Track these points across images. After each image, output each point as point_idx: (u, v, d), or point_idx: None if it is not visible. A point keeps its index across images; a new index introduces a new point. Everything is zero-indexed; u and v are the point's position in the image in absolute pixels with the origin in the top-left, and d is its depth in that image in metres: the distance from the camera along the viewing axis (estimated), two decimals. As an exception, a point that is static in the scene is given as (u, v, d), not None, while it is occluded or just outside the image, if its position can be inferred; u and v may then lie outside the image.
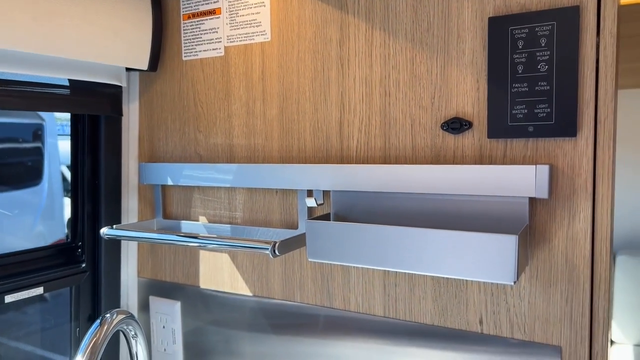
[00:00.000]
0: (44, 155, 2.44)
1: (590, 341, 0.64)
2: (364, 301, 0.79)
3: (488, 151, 0.68)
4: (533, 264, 0.67)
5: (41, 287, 0.87)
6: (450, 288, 0.72)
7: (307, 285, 0.84)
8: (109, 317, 0.73)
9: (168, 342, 0.99)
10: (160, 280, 1.00)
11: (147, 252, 1.01)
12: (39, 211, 2.91)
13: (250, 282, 0.90)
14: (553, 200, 0.65)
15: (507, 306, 0.69)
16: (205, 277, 0.94)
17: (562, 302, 0.65)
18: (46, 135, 2.41)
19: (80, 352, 0.69)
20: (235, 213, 0.90)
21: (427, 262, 0.64)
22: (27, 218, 2.43)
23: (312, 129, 0.81)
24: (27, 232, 2.26)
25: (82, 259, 0.95)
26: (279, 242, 0.73)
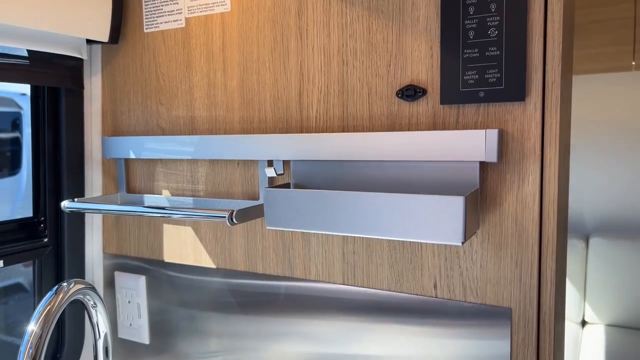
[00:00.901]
0: (22, 144, 2.40)
1: (538, 302, 0.66)
2: (323, 270, 0.80)
3: (441, 118, 0.69)
4: (484, 228, 0.68)
5: (0, 261, 0.87)
6: (405, 254, 0.73)
7: (269, 256, 0.85)
8: (66, 285, 0.72)
9: (134, 317, 0.99)
10: (126, 255, 0.99)
11: (111, 228, 1.01)
12: (18, 200, 2.88)
13: (214, 255, 0.90)
14: (503, 164, 0.66)
15: (460, 270, 0.70)
16: (170, 251, 0.94)
17: (512, 265, 0.67)
18: (24, 124, 2.37)
19: (33, 320, 0.69)
20: (197, 186, 0.90)
21: (381, 226, 0.65)
22: (4, 207, 2.41)
23: (272, 100, 0.81)
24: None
25: (45, 234, 0.95)
26: (236, 210, 0.74)
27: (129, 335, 0.99)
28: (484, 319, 0.69)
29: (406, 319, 0.74)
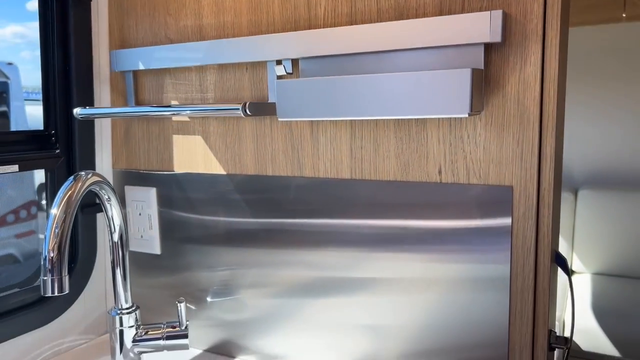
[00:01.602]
0: (10, 118, 2.38)
1: (538, 178, 0.70)
2: (332, 167, 0.83)
3: (447, 6, 0.72)
4: (487, 110, 0.71)
5: (16, 165, 0.89)
6: (411, 144, 0.77)
7: (279, 158, 0.88)
8: (84, 174, 0.75)
9: (145, 229, 1.01)
10: (135, 169, 1.02)
11: (121, 144, 1.03)
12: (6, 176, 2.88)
13: (224, 161, 0.93)
14: (506, 47, 0.69)
15: (463, 154, 0.74)
16: (180, 161, 0.97)
17: (514, 144, 0.71)
18: (11, 96, 2.35)
19: (55, 206, 0.71)
20: (206, 94, 0.92)
21: (389, 106, 0.68)
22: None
23: (280, 1, 0.83)
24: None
25: (56, 146, 0.97)
26: (248, 102, 0.76)
27: (141, 247, 1.02)
28: (486, 198, 0.73)
29: (410, 205, 0.77)
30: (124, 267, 0.87)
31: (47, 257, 0.67)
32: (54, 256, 0.68)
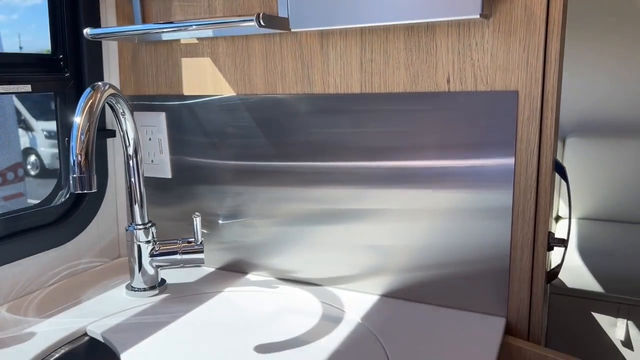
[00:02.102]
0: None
1: (543, 81, 0.73)
2: (342, 81, 0.86)
3: None
4: (495, 17, 0.74)
5: (29, 86, 0.90)
6: (421, 54, 0.80)
7: (289, 76, 0.90)
8: (102, 85, 0.76)
9: (155, 153, 1.04)
10: (144, 94, 1.03)
11: (128, 69, 1.04)
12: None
13: (233, 82, 0.94)
14: (515, -47, 0.72)
15: (471, 62, 0.77)
16: (189, 84, 0.98)
17: (520, 50, 0.74)
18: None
19: (77, 114, 0.73)
20: (215, 14, 0.93)
21: (400, 10, 0.70)
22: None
23: None
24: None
25: (65, 70, 0.97)
26: (262, 12, 0.78)
27: (152, 172, 1.05)
28: (493, 104, 0.76)
29: (420, 114, 0.81)
30: (139, 182, 0.89)
31: (75, 162, 0.70)
32: (82, 160, 0.70)
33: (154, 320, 0.83)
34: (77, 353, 0.79)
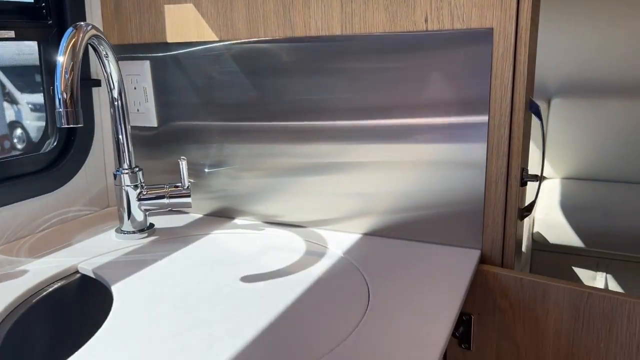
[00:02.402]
0: None
1: (517, 18, 0.75)
2: (323, 24, 0.87)
3: None
4: (471, -46, 0.76)
5: (12, 32, 0.90)
6: (399, -6, 0.81)
7: (270, 20, 0.91)
8: (84, 25, 0.77)
9: (141, 102, 1.05)
10: (127, 43, 1.04)
11: (111, 17, 1.04)
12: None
13: (216, 28, 0.95)
14: None
15: (448, 0, 0.78)
16: (172, 31, 0.99)
17: (495, -13, 0.75)
18: None
19: (60, 54, 0.74)
20: (197, -40, 0.94)
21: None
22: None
23: None
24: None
25: (48, 18, 0.98)
26: (243, -48, 0.78)
27: (138, 121, 1.06)
28: (468, 42, 0.78)
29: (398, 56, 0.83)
30: (124, 125, 0.91)
31: (60, 99, 0.71)
32: (67, 98, 0.71)
33: (143, 258, 0.85)
34: (69, 289, 0.82)
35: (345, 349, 0.58)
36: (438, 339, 0.59)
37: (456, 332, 0.86)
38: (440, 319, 0.63)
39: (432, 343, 0.58)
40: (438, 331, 0.60)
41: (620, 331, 0.72)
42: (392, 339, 0.59)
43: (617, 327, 0.72)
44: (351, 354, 0.57)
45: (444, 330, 0.61)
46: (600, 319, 0.73)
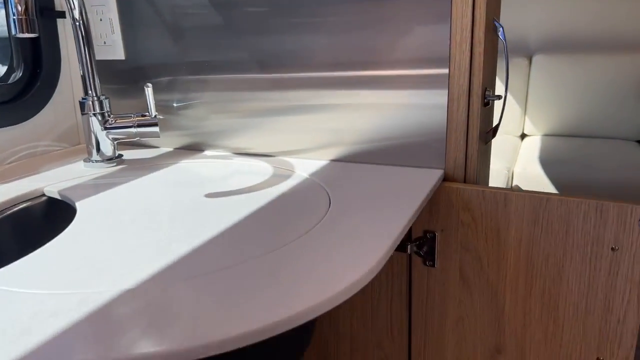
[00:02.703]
0: None
1: None
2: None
3: None
4: None
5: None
6: None
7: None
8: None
9: (107, 34, 1.04)
10: (91, -27, 1.02)
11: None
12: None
13: (180, -47, 0.94)
14: None
15: None
16: (136, -41, 0.98)
17: None
18: None
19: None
20: None
21: None
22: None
23: None
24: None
25: (7, -55, 0.96)
26: None
27: (105, 54, 1.05)
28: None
29: None
30: (87, 49, 0.90)
31: (16, 11, 0.70)
32: (22, 9, 0.70)
33: (110, 182, 0.86)
34: (35, 209, 0.82)
35: (301, 242, 0.59)
36: (394, 230, 0.60)
37: (421, 251, 0.88)
38: (397, 216, 0.64)
39: (388, 235, 0.59)
40: (394, 224, 0.62)
41: (576, 232, 0.74)
42: (349, 232, 0.60)
43: (573, 229, 0.74)
44: (308, 245, 0.58)
45: (400, 222, 0.62)
46: (558, 222, 0.75)
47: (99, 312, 0.46)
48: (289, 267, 0.53)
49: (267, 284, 0.50)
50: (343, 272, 0.51)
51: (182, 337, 0.41)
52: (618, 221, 0.70)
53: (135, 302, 0.47)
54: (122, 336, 0.42)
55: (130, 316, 0.45)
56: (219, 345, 0.41)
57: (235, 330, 0.42)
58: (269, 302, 0.46)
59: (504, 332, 0.83)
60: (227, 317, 0.44)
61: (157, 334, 0.42)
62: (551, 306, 0.78)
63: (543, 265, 0.77)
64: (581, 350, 0.77)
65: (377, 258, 0.54)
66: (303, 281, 0.50)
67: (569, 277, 0.76)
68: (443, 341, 0.90)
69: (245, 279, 0.51)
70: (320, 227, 0.63)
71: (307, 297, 0.47)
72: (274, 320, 0.44)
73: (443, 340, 0.90)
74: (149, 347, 0.40)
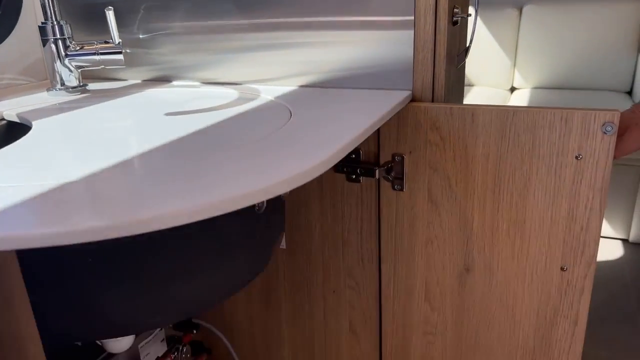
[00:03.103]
0: None
1: None
2: None
3: None
4: None
5: None
6: None
7: None
8: None
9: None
10: None
11: None
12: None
13: None
14: None
15: None
16: None
17: None
18: None
19: None
20: None
21: None
22: None
23: None
24: None
25: None
26: None
27: (67, -18, 1.02)
28: None
29: None
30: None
31: None
32: None
33: (71, 106, 0.84)
34: (-6, 133, 0.80)
35: (256, 145, 0.57)
36: (356, 129, 0.59)
37: (389, 176, 0.87)
38: (357, 124, 0.63)
39: (345, 136, 0.58)
40: (354, 130, 0.60)
41: (542, 144, 0.72)
42: (306, 138, 0.59)
43: (539, 140, 0.72)
44: (264, 147, 0.57)
45: (360, 127, 0.60)
46: (525, 134, 0.73)
47: (39, 197, 0.45)
48: (238, 161, 0.52)
49: (210, 173, 0.48)
50: (291, 165, 0.50)
51: (123, 213, 0.40)
52: (582, 128, 0.69)
53: (76, 189, 0.46)
54: (62, 213, 0.41)
55: (70, 199, 0.44)
56: (160, 220, 0.40)
57: (171, 206, 0.41)
58: (210, 185, 0.45)
59: (472, 251, 0.83)
60: (170, 195, 0.43)
61: (96, 211, 0.41)
62: (518, 221, 0.77)
63: (510, 180, 0.76)
64: (546, 261, 0.77)
65: (330, 153, 0.52)
66: (246, 172, 0.49)
67: (535, 189, 0.75)
68: (413, 265, 0.89)
69: (192, 169, 0.50)
70: (278, 134, 0.61)
71: (248, 183, 0.46)
72: (210, 201, 0.43)
73: (413, 264, 0.89)
74: (86, 221, 0.39)
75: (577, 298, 0.76)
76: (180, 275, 0.56)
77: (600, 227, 0.71)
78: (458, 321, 0.89)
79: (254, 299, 1.10)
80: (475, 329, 0.88)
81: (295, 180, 0.49)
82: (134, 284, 0.54)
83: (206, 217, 0.43)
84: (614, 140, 0.68)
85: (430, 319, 0.91)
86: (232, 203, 0.44)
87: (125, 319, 0.56)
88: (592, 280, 0.75)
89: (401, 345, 0.96)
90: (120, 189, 0.45)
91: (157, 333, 0.88)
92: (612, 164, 0.68)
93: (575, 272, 0.75)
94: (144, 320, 0.56)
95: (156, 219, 0.41)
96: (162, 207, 0.41)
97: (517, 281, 0.81)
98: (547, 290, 0.79)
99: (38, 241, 0.38)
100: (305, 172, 0.50)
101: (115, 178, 0.48)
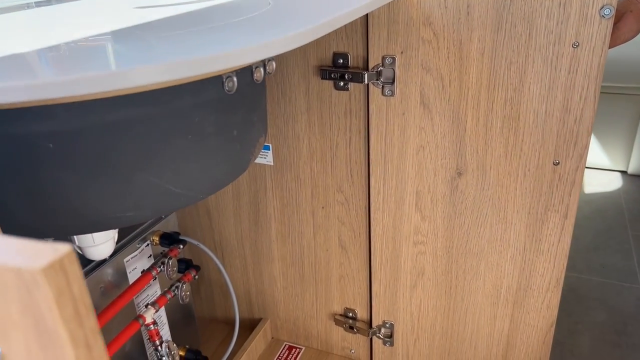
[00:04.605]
0: None
1: None
2: None
3: None
4: None
5: None
6: None
7: None
8: None
9: None
10: None
11: None
12: None
13: None
14: None
15: None
16: None
17: None
18: None
19: None
20: None
21: None
22: None
23: None
24: None
25: None
26: None
27: None
28: None
29: None
30: None
31: None
32: None
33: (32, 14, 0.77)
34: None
35: (241, 24, 0.53)
36: (344, 9, 0.55)
37: (379, 80, 0.84)
38: (349, 2, 0.59)
39: (338, 11, 0.54)
40: (345, 6, 0.56)
41: (539, 33, 0.70)
42: (293, 15, 0.55)
43: (536, 30, 0.70)
44: (250, 24, 0.52)
45: (353, 4, 0.57)
46: (522, 24, 0.71)
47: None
48: (218, 33, 0.47)
49: (186, 43, 0.44)
50: (270, 34, 0.46)
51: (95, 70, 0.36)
52: (580, 14, 0.67)
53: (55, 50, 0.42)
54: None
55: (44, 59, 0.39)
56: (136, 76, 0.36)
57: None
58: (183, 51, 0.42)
59: (465, 153, 0.82)
60: (145, 58, 0.39)
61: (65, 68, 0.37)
62: (512, 117, 0.76)
63: (505, 74, 0.75)
64: (539, 156, 0.76)
65: (313, 25, 0.48)
66: (222, 42, 0.45)
67: (530, 82, 0.73)
68: (403, 174, 0.88)
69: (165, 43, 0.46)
70: (257, 16, 0.57)
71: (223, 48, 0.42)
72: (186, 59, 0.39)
73: (403, 173, 0.88)
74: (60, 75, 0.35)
75: (567, 191, 0.77)
76: (146, 163, 0.51)
77: (593, 118, 0.70)
78: (449, 228, 0.88)
79: (243, 217, 1.07)
80: (466, 234, 0.88)
81: (272, 46, 0.44)
82: (98, 170, 0.49)
83: (176, 77, 0.38)
84: (611, 23, 0.66)
85: (421, 229, 0.91)
86: (201, 65, 0.39)
87: (93, 211, 0.52)
88: (583, 172, 0.75)
89: (391, 258, 0.96)
90: (99, 53, 0.41)
91: (144, 249, 0.84)
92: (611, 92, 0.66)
93: (567, 165, 0.75)
94: (115, 214, 0.52)
95: (132, 74, 0.36)
96: (134, 65, 0.37)
97: (509, 180, 0.80)
98: (539, 187, 0.79)
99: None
100: (285, 38, 0.46)
101: (91, 47, 0.44)
